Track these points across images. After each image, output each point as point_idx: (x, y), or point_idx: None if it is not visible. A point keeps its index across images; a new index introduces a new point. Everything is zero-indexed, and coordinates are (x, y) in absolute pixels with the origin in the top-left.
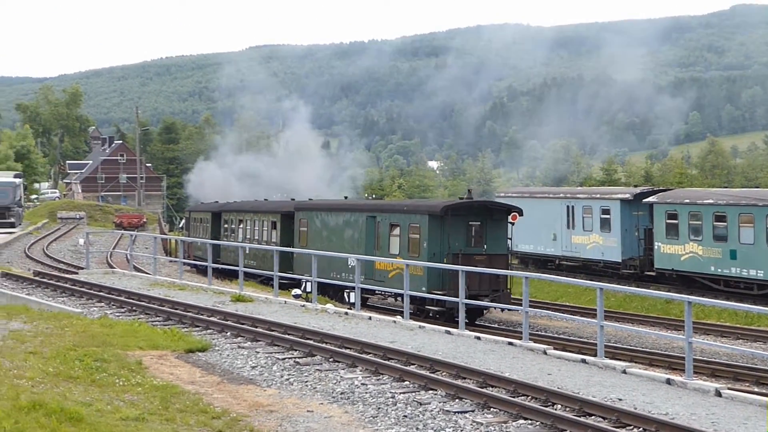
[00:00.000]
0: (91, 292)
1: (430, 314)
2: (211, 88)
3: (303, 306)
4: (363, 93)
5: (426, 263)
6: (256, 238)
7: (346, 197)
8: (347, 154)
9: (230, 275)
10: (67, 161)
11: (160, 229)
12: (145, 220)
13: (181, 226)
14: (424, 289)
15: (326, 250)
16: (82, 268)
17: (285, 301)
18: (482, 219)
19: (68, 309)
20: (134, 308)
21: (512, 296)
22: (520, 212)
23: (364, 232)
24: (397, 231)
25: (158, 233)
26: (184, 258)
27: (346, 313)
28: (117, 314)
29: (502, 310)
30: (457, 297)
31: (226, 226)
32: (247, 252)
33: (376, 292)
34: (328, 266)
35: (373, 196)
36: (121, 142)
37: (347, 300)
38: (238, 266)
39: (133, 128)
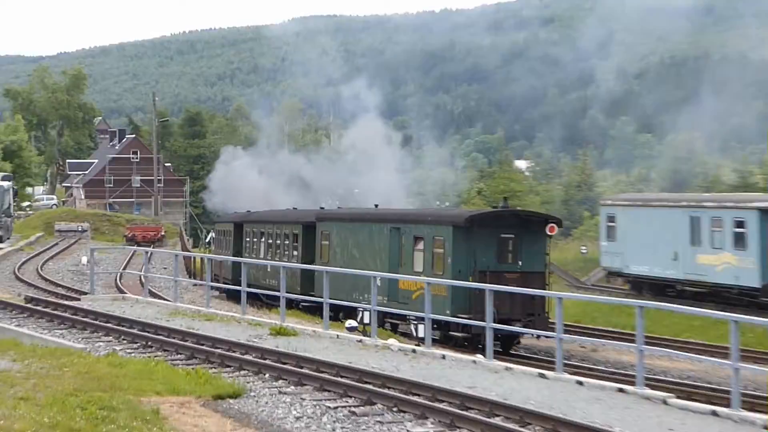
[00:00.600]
0: (97, 322)
1: (454, 341)
2: (245, 70)
3: (360, 341)
4: (433, 75)
5: (448, 281)
6: (278, 252)
7: (376, 205)
8: (426, 153)
9: (259, 300)
10: (68, 160)
11: (182, 244)
12: (163, 233)
13: (208, 240)
14: (448, 312)
15: (349, 266)
16: (86, 294)
17: (337, 335)
18: (516, 231)
19: (68, 344)
20: (150, 343)
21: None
22: (559, 223)
23: (388, 245)
24: (421, 245)
25: (179, 250)
26: (212, 280)
27: (414, 351)
28: (128, 351)
29: (537, 337)
30: (484, 321)
31: (248, 239)
32: (268, 270)
33: (404, 316)
34: (352, 287)
35: (446, 204)
36: (133, 136)
37: (360, 321)
38: (273, 290)
39: (149, 119)
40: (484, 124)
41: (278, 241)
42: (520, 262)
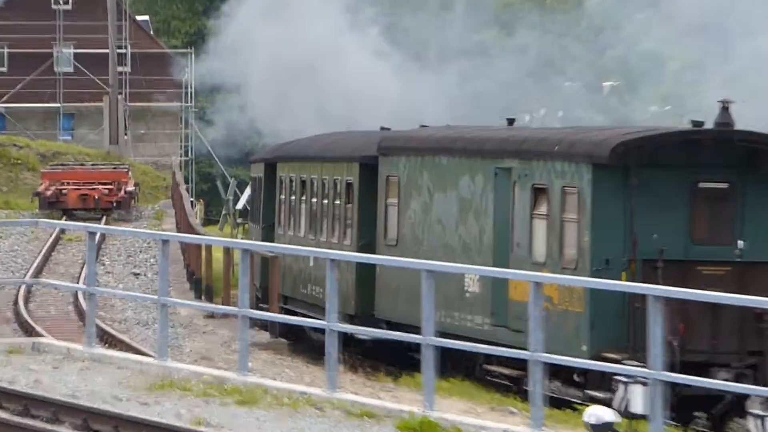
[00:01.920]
0: None
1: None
2: None
3: None
4: None
5: (582, 281)
6: (325, 224)
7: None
8: None
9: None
10: None
11: (177, 214)
12: (131, 188)
13: (238, 206)
14: (584, 347)
15: (431, 251)
16: None
17: None
18: (732, 177)
19: None
20: None
21: None
22: None
23: (491, 208)
24: (544, 206)
25: (172, 227)
26: (258, 303)
27: None
28: None
29: None
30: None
31: (282, 197)
32: (311, 267)
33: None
34: (440, 297)
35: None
36: None
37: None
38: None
39: None
40: None
41: (325, 201)
42: (740, 243)
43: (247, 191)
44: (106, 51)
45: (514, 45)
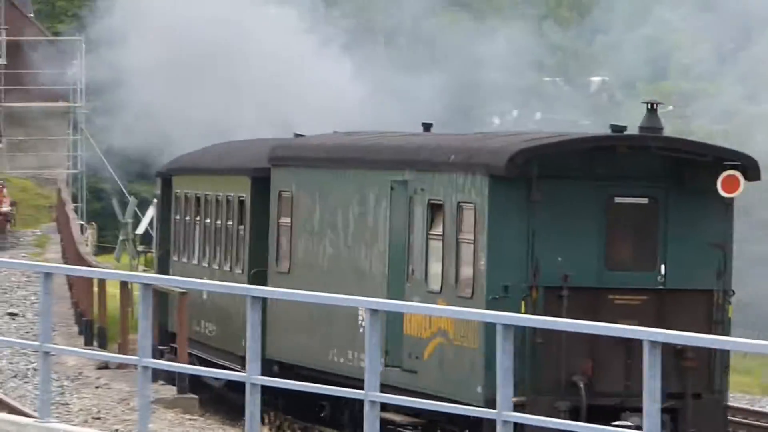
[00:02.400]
0: None
1: None
2: None
3: None
4: None
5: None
6: (218, 248)
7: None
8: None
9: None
10: None
11: (65, 239)
12: (6, 209)
13: (138, 229)
14: (479, 389)
15: (324, 279)
16: None
17: None
18: (654, 189)
19: None
20: None
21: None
22: (751, 170)
23: (387, 228)
24: (440, 224)
25: (59, 256)
26: (159, 348)
27: None
28: None
29: None
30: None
31: (177, 217)
32: (205, 300)
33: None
34: (326, 333)
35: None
36: None
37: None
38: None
39: None
40: None
41: (218, 221)
42: (662, 268)
43: (150, 212)
44: None
45: (483, 30)
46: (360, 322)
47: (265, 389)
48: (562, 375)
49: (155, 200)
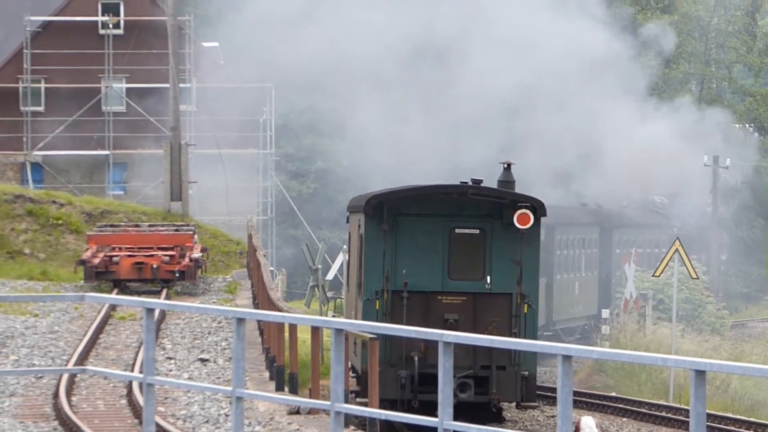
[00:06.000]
0: None
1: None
2: None
3: None
4: None
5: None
6: None
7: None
8: None
9: None
10: None
11: (255, 284)
12: (198, 255)
13: (321, 269)
14: (358, 364)
15: None
16: None
17: None
18: (480, 221)
19: None
20: None
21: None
22: (539, 209)
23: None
24: (356, 244)
25: (248, 301)
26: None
27: None
28: None
29: (518, 405)
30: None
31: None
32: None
33: None
34: None
35: None
36: None
37: None
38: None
39: None
40: None
41: None
42: (488, 278)
43: (340, 258)
44: (166, 85)
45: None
46: None
47: None
48: (403, 352)
49: (345, 246)
